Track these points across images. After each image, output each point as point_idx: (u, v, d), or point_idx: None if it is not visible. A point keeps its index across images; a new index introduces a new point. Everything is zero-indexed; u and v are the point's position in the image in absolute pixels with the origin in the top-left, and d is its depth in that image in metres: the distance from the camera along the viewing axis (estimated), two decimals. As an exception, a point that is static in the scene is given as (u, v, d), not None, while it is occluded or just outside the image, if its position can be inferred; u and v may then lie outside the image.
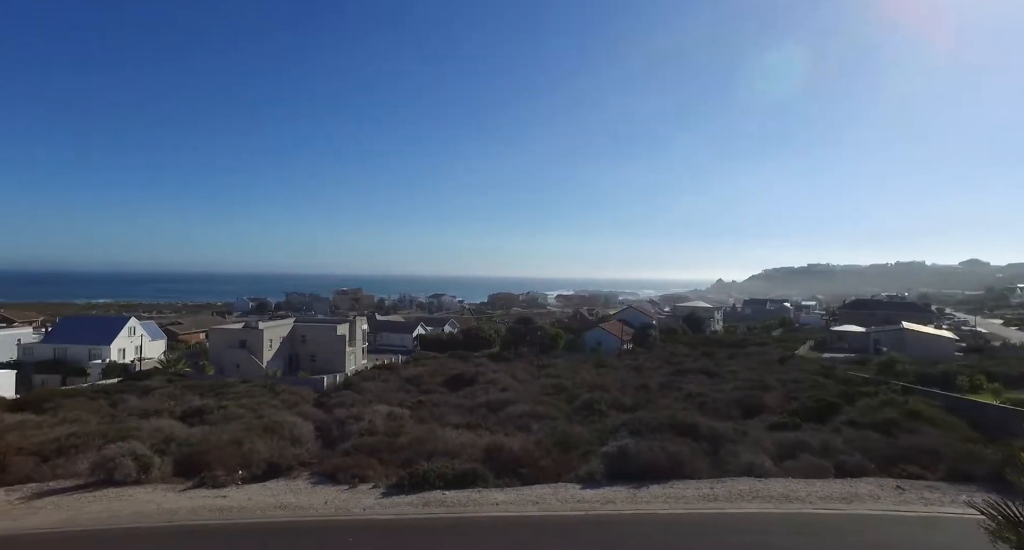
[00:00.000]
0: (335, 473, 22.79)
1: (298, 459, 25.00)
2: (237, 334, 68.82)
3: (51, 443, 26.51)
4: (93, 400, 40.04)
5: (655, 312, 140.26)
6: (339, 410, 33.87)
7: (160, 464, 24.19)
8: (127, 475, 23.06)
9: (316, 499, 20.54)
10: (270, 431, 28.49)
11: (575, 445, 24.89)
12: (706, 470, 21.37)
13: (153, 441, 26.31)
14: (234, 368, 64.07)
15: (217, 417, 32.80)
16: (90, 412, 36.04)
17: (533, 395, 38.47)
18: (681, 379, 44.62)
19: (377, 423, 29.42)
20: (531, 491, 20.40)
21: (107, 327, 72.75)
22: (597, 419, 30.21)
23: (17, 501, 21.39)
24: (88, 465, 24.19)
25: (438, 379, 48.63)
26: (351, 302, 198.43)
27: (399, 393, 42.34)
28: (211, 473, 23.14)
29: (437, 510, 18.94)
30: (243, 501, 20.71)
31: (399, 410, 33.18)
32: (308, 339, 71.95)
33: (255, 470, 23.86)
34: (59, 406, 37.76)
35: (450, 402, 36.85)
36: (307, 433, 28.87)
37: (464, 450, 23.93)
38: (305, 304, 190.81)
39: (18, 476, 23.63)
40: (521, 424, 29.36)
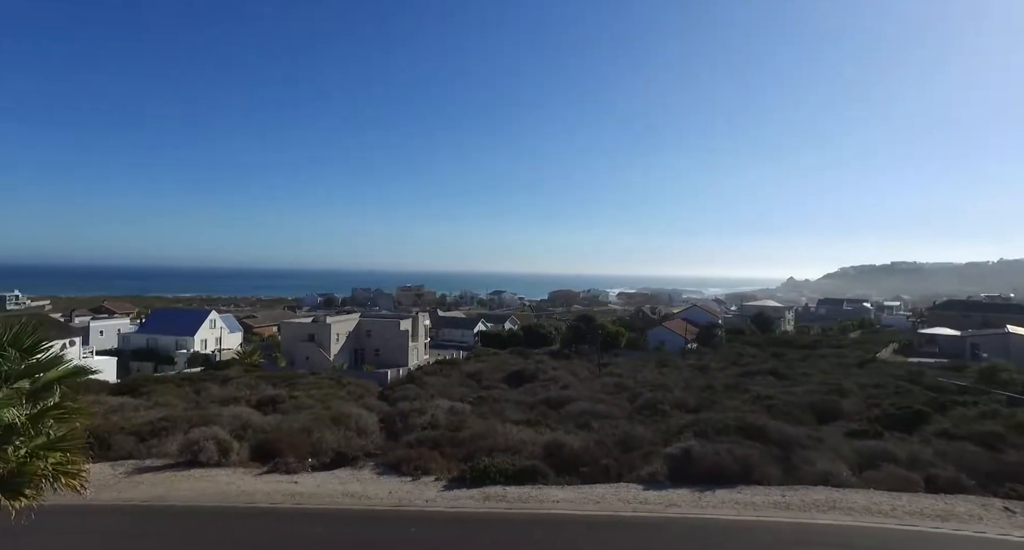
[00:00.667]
0: (399, 465, 23.32)
1: (363, 449, 25.79)
2: (306, 328, 71.91)
3: (147, 425, 28.69)
4: (180, 387, 42.96)
5: (721, 311, 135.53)
6: (402, 403, 34.67)
7: (238, 449, 25.72)
8: (210, 458, 24.68)
9: (381, 489, 21.10)
10: (337, 422, 29.61)
11: (637, 445, 24.34)
12: (777, 477, 20.26)
13: (232, 427, 27.96)
14: (304, 360, 67.00)
15: (289, 406, 34.41)
16: (177, 398, 38.71)
17: (594, 393, 37.97)
18: (749, 380, 42.72)
19: (439, 417, 29.89)
20: (592, 490, 20.09)
21: (191, 320, 78.02)
22: (660, 419, 29.42)
23: (121, 475, 23.39)
24: (177, 447, 26.09)
25: (498, 375, 48.92)
26: (414, 298, 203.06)
27: (460, 388, 42.88)
28: (284, 459, 24.31)
29: (498, 505, 18.99)
30: (313, 488, 21.60)
31: (460, 405, 33.59)
32: (373, 334, 74.23)
33: (323, 458, 24.86)
34: (152, 391, 40.80)
35: (510, 398, 36.94)
36: (372, 425, 29.79)
37: (524, 446, 23.88)
38: (370, 300, 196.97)
39: (121, 453, 25.86)
40: (582, 422, 29.01)
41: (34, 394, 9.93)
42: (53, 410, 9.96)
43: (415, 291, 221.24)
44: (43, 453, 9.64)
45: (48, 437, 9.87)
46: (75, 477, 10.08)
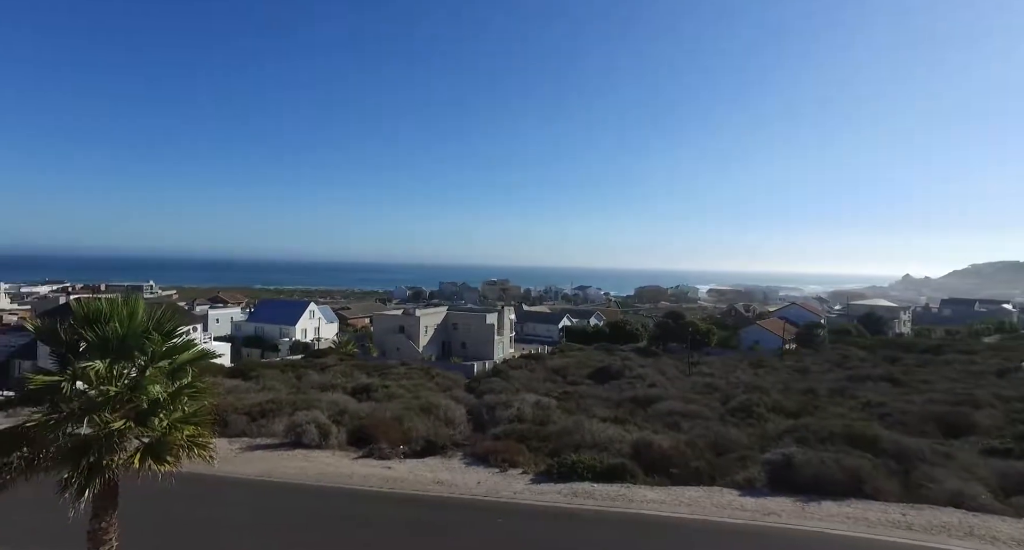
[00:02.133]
0: (487, 456, 23.75)
1: (452, 439, 26.52)
2: (397, 320, 75.01)
3: (256, 406, 31.16)
4: (283, 372, 46.20)
5: (823, 310, 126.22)
6: (489, 396, 35.22)
7: (336, 433, 27.33)
8: (312, 440, 26.44)
9: (469, 479, 21.60)
10: (427, 411, 30.63)
11: (730, 448, 23.23)
12: (894, 492, 18.42)
13: (330, 412, 29.73)
14: (394, 351, 69.99)
15: (381, 395, 36.00)
16: (282, 382, 41.70)
17: (683, 392, 36.70)
18: (857, 386, 39.34)
19: (525, 411, 30.08)
20: (683, 492, 19.43)
21: (293, 310, 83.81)
22: (755, 422, 27.90)
23: (236, 451, 25.66)
24: (283, 428, 28.21)
25: (584, 371, 48.52)
26: (499, 292, 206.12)
27: (545, 383, 42.95)
28: (378, 445, 25.53)
29: (585, 502, 18.84)
30: (405, 474, 22.53)
31: (546, 400, 33.62)
32: (460, 327, 76.14)
33: (414, 446, 25.80)
34: (260, 375, 44.20)
35: (596, 394, 36.52)
36: (460, 416, 30.53)
37: (612, 444, 23.51)
38: (456, 293, 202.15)
39: (235, 431, 28.38)
40: (671, 422, 28.14)
41: (172, 373, 11.10)
42: (187, 389, 11.07)
43: (500, 285, 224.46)
44: (180, 426, 10.77)
45: (183, 412, 10.99)
46: (205, 449, 11.14)
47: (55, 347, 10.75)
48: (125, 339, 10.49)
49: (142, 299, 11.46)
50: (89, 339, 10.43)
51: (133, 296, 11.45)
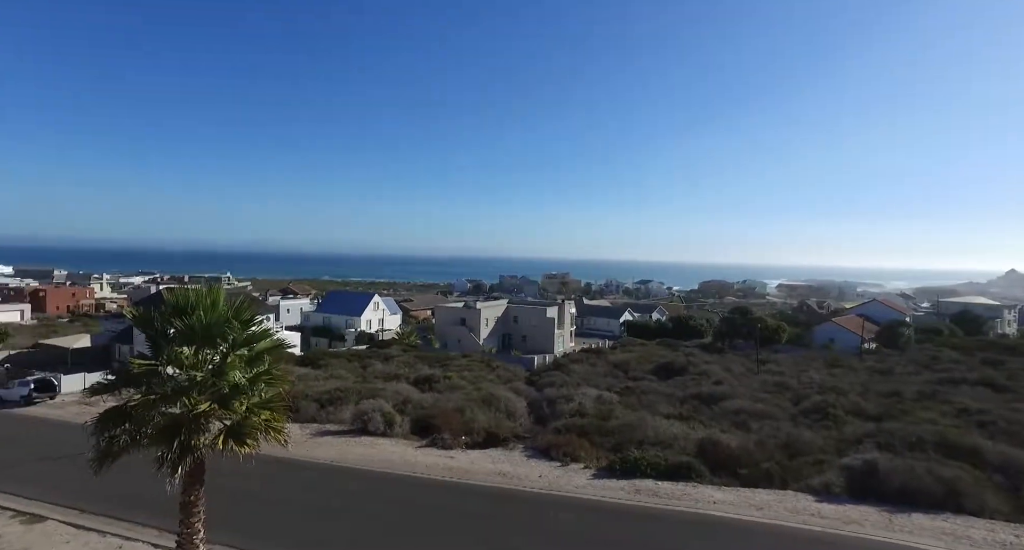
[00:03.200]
0: (548, 449, 23.69)
1: (513, 432, 26.63)
2: (458, 312, 76.09)
3: (325, 394, 32.47)
4: (350, 362, 47.92)
5: (908, 307, 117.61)
6: (549, 389, 35.11)
7: (400, 422, 28.07)
8: (377, 428, 27.30)
9: (531, 471, 21.63)
10: (488, 403, 30.90)
11: (804, 451, 22.03)
12: (1001, 510, 16.55)
13: (394, 401, 30.54)
14: (456, 343, 71.07)
15: (443, 386, 36.60)
16: (348, 371, 43.22)
17: (751, 391, 35.20)
18: (950, 390, 36.20)
19: (586, 405, 29.78)
20: (752, 494, 18.63)
21: (358, 302, 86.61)
22: (831, 425, 26.33)
23: (306, 435, 26.90)
24: (349, 415, 29.29)
25: (646, 366, 47.51)
26: (559, 286, 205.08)
27: (606, 378, 42.36)
28: (440, 435, 25.99)
29: (649, 499, 18.44)
30: (467, 464, 22.85)
31: (608, 394, 33.16)
32: (520, 320, 76.40)
33: (476, 437, 26.09)
34: (328, 364, 46.03)
35: (659, 390, 35.65)
36: (520, 408, 30.61)
37: (676, 441, 22.88)
38: (516, 286, 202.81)
39: (306, 417, 29.74)
40: (738, 421, 27.05)
41: (250, 361, 11.67)
42: (264, 375, 11.62)
43: (560, 279, 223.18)
44: (258, 410, 11.33)
45: (260, 397, 11.55)
46: (280, 433, 11.67)
47: (149, 333, 11.51)
48: (209, 327, 11.08)
49: (223, 290, 12.07)
50: (178, 327, 11.10)
51: (215, 286, 12.10)
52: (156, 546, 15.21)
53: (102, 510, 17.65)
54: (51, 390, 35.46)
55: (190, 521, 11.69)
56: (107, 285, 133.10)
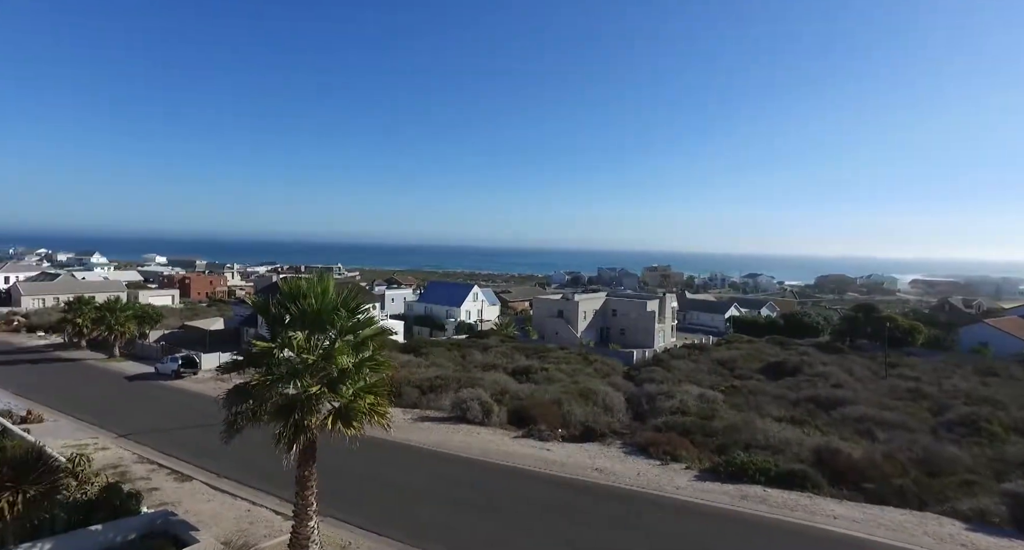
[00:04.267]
0: (647, 447, 22.91)
1: (610, 427, 26.08)
2: (555, 304, 76.07)
3: (426, 381, 33.75)
4: (449, 351, 49.44)
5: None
6: (649, 385, 34.05)
7: (498, 411, 28.46)
8: (475, 416, 27.89)
9: (628, 469, 21.04)
10: (585, 397, 30.52)
11: (947, 469, 19.49)
12: None
13: (492, 391, 31.03)
14: (553, 335, 71.15)
15: (540, 378, 36.67)
16: (448, 360, 44.59)
17: (878, 397, 31.87)
18: None
19: (688, 403, 28.50)
20: (881, 513, 16.75)
21: (458, 292, 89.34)
22: (984, 442, 23.06)
23: (409, 420, 28.12)
24: (449, 403, 30.19)
25: (754, 365, 44.67)
26: (660, 279, 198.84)
27: (710, 375, 40.34)
28: (536, 427, 26.03)
29: (758, 507, 17.21)
30: (563, 457, 22.66)
31: (711, 393, 31.53)
32: (618, 313, 74.93)
33: (572, 431, 25.86)
34: (429, 352, 47.80)
35: (768, 391, 33.33)
36: (618, 403, 29.93)
37: (788, 447, 21.20)
38: (615, 279, 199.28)
39: (408, 402, 31.11)
40: (862, 429, 24.59)
41: (356, 346, 12.27)
42: (369, 361, 12.18)
43: (661, 271, 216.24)
44: (363, 394, 11.88)
45: (366, 382, 12.11)
46: (383, 417, 12.19)
47: (267, 318, 12.43)
48: (319, 314, 11.76)
49: (332, 279, 12.77)
50: (292, 313, 11.88)
51: (325, 276, 12.82)
52: (277, 512, 16.54)
53: (234, 476, 19.57)
54: (194, 366, 39.97)
55: (304, 494, 12.55)
56: (237, 274, 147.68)
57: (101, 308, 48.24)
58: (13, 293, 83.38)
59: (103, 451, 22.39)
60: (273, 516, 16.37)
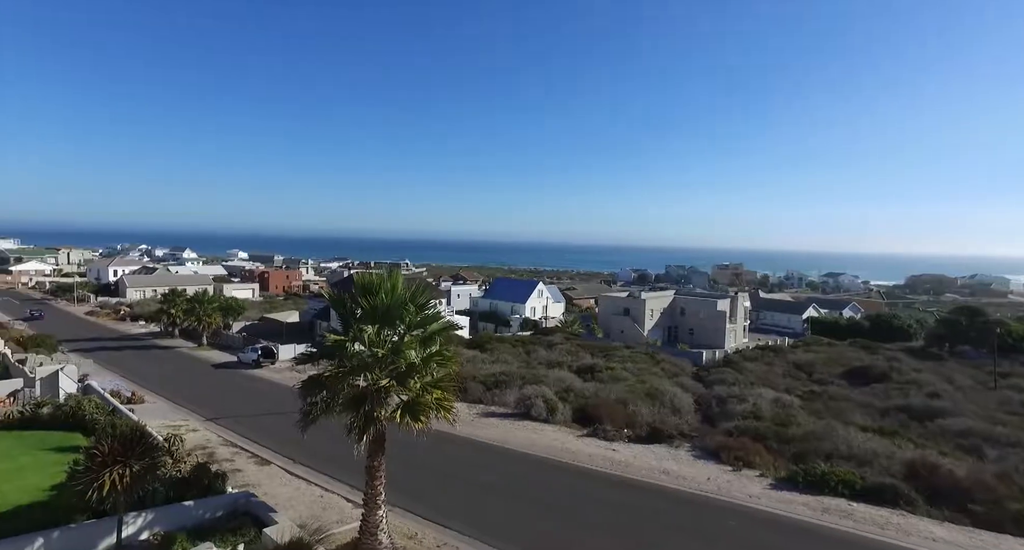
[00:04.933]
0: (717, 451, 21.98)
1: (678, 429, 25.23)
2: (622, 302, 74.64)
3: (491, 377, 33.95)
4: (514, 347, 49.57)
5: None
6: (719, 387, 32.76)
7: (562, 409, 28.20)
8: (539, 413, 27.77)
9: (698, 473, 20.25)
10: (652, 397, 29.70)
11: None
12: None
13: (556, 389, 30.81)
14: (619, 333, 69.86)
15: (606, 376, 36.05)
16: (513, 356, 44.70)
17: (985, 410, 29.07)
18: None
19: (762, 407, 27.15)
20: (995, 540, 15.13)
21: (523, 289, 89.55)
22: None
23: (474, 415, 28.40)
24: (513, 399, 30.24)
25: (834, 369, 41.95)
26: (731, 277, 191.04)
27: (785, 379, 38.26)
28: (602, 426, 25.58)
29: (841, 522, 16.06)
30: (630, 458, 22.14)
31: (787, 397, 29.90)
32: (687, 312, 72.60)
33: (639, 431, 25.22)
34: (494, 348, 48.14)
35: (852, 398, 31.18)
36: (687, 405, 28.94)
37: (876, 459, 19.68)
38: (683, 277, 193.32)
39: (473, 397, 31.41)
40: (966, 444, 22.46)
41: (423, 341, 12.42)
42: (436, 356, 12.31)
43: (733, 270, 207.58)
44: (430, 389, 12.01)
45: (432, 377, 12.23)
46: (449, 412, 12.29)
47: (340, 312, 12.79)
48: (389, 308, 11.98)
49: (401, 275, 12.97)
50: (363, 307, 12.15)
51: (394, 271, 13.04)
52: (347, 500, 17.11)
53: (308, 463, 20.43)
54: (272, 357, 42.22)
55: (373, 484, 12.85)
56: (311, 269, 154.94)
57: (191, 300, 52.04)
58: (120, 285, 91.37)
59: (193, 433, 24.02)
60: (344, 503, 16.94)
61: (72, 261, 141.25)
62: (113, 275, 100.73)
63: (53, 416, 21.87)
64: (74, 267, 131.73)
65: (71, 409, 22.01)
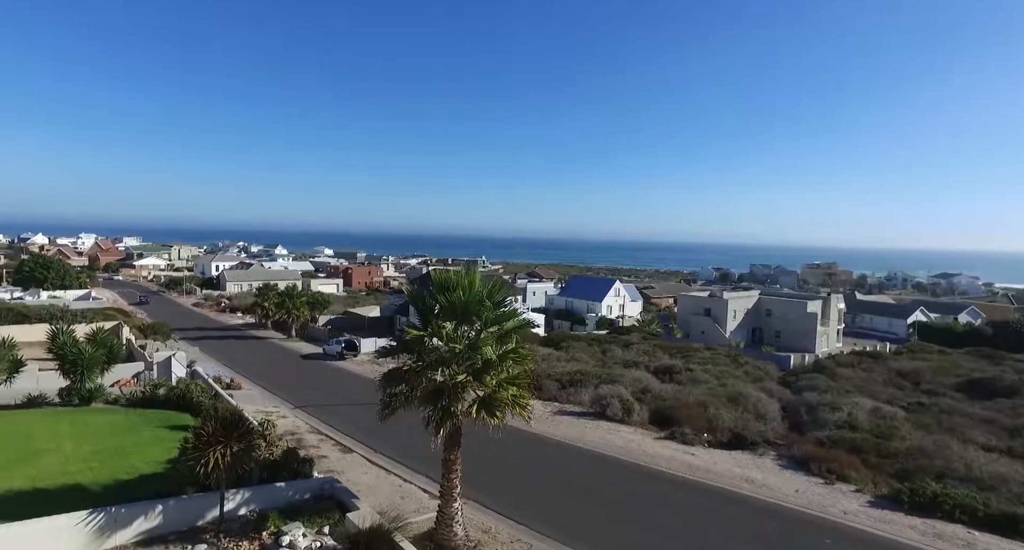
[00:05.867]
0: (807, 461, 20.57)
1: (763, 435, 23.92)
2: (702, 302, 71.91)
3: (566, 375, 33.72)
4: (590, 345, 48.99)
5: None
6: (809, 393, 30.71)
7: (639, 410, 27.51)
8: (615, 413, 27.25)
9: (785, 484, 19.06)
10: (734, 401, 28.31)
11: None
12: None
13: (633, 389, 30.09)
14: (699, 334, 67.32)
15: (685, 378, 34.81)
16: (588, 355, 44.18)
17: None
18: None
19: (859, 418, 25.13)
20: None
21: (600, 287, 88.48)
22: None
23: (548, 413, 28.31)
24: (588, 398, 29.87)
25: (947, 380, 38.05)
26: (823, 277, 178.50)
27: (887, 388, 35.19)
28: (680, 429, 24.69)
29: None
30: (710, 463, 21.22)
31: (889, 408, 27.51)
32: (774, 313, 68.79)
33: (719, 436, 24.14)
34: (569, 347, 47.80)
35: (970, 413, 28.13)
36: (772, 411, 27.35)
37: (1003, 484, 17.60)
38: (769, 277, 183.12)
39: (548, 395, 31.33)
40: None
41: (500, 338, 12.46)
42: (512, 353, 12.33)
43: (825, 269, 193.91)
44: (506, 385, 12.03)
45: (508, 374, 12.25)
46: (525, 409, 12.26)
47: (419, 308, 13.07)
48: (466, 305, 12.10)
49: (478, 272, 13.09)
50: (441, 303, 12.36)
51: (471, 269, 13.18)
52: (424, 491, 17.53)
53: (387, 453, 21.15)
54: (354, 350, 44.19)
55: (450, 476, 13.06)
56: (391, 265, 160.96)
57: (282, 294, 55.64)
58: (221, 279, 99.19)
59: (283, 419, 25.55)
60: (421, 494, 17.37)
61: (182, 257, 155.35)
62: (215, 270, 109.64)
63: (167, 397, 24.02)
64: (183, 262, 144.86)
65: (181, 392, 24.07)
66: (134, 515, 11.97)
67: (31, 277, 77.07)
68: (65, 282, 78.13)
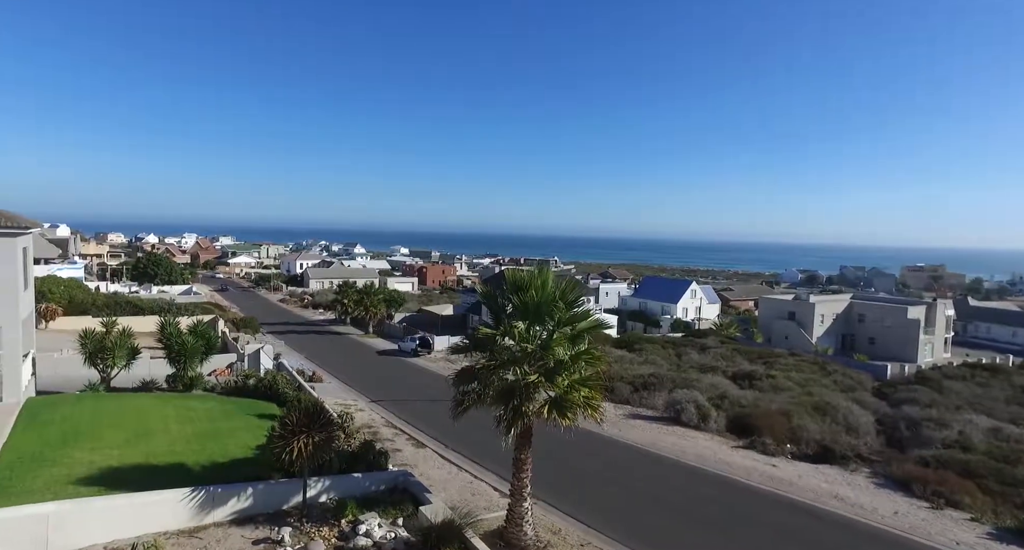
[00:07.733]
0: (907, 481, 18.90)
1: (854, 450, 22.23)
2: (786, 305, 68.10)
3: (639, 378, 32.91)
4: (664, 348, 47.58)
5: None
6: (909, 407, 28.29)
7: (716, 417, 26.35)
8: (690, 419, 26.26)
9: (882, 504, 17.57)
10: (820, 411, 26.55)
11: None
12: None
13: (709, 395, 28.88)
14: (782, 339, 63.78)
15: (766, 385, 33.07)
16: (662, 358, 42.96)
17: None
18: None
19: (973, 437, 22.81)
20: None
21: (675, 288, 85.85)
22: None
23: (620, 416, 27.75)
24: (662, 402, 29.00)
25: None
26: (927, 281, 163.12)
27: (1009, 405, 31.74)
28: (760, 439, 23.39)
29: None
30: (793, 477, 19.96)
31: (1013, 429, 24.78)
32: (868, 319, 63.96)
33: (804, 448, 22.70)
34: (643, 349, 46.67)
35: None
36: (866, 424, 25.41)
37: None
38: (862, 280, 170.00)
39: (620, 398, 30.72)
40: None
41: (572, 339, 12.29)
42: (584, 354, 12.12)
43: (930, 272, 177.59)
44: (578, 386, 11.84)
45: (580, 375, 12.05)
46: (596, 411, 12.02)
47: (492, 307, 13.12)
48: (539, 305, 12.02)
49: (551, 271, 12.95)
50: (514, 303, 12.33)
51: (544, 268, 13.06)
52: (495, 489, 17.61)
53: (459, 450, 21.46)
54: (428, 347, 45.32)
55: (520, 476, 13.02)
56: (464, 264, 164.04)
57: (360, 292, 58.12)
58: (304, 276, 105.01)
59: (360, 412, 26.58)
60: (492, 491, 17.46)
61: (270, 255, 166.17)
62: (299, 268, 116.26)
63: (256, 387, 25.62)
64: (271, 260, 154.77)
65: (268, 382, 25.59)
66: (229, 495, 12.82)
67: (144, 273, 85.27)
68: (171, 278, 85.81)
